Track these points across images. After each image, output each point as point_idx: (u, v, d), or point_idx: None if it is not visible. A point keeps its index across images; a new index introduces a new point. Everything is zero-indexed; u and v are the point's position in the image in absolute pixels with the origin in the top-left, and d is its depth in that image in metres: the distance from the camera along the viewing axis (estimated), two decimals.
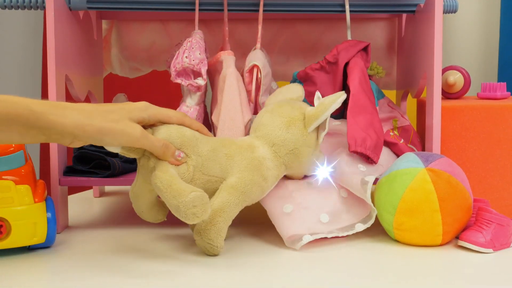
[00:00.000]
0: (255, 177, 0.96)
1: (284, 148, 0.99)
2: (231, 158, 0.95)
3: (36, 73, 1.74)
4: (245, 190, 0.95)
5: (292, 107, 1.01)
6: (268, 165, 0.98)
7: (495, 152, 1.17)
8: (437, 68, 1.10)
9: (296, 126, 0.99)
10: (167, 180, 0.87)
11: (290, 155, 1.00)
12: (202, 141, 0.94)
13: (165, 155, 0.90)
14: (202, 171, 0.93)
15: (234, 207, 0.94)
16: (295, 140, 0.99)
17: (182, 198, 0.85)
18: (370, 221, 1.01)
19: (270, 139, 0.99)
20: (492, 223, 0.97)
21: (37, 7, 1.14)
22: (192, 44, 1.11)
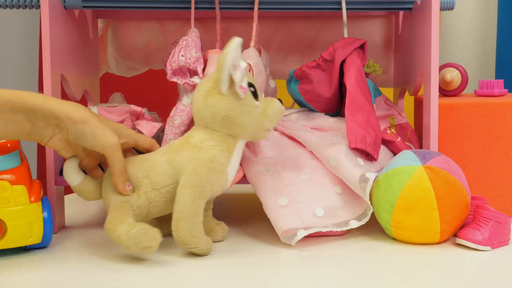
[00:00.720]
0: (199, 164, 0.93)
1: (215, 122, 0.95)
2: (172, 161, 0.94)
3: (33, 72, 1.74)
4: (195, 182, 0.92)
5: (204, 81, 0.98)
6: (209, 144, 0.95)
7: (493, 149, 1.17)
8: (434, 65, 1.09)
9: (212, 96, 0.95)
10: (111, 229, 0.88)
11: (226, 126, 0.95)
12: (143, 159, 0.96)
13: (118, 180, 0.91)
14: (153, 187, 0.94)
15: (191, 203, 0.92)
16: (218, 109, 0.94)
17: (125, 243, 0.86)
18: (365, 219, 1.01)
19: (201, 121, 0.97)
20: (490, 220, 0.97)
21: (32, 6, 1.13)
22: (188, 43, 1.11)
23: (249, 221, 1.15)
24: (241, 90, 0.93)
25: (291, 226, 0.97)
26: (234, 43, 0.92)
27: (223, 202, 1.36)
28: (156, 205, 0.94)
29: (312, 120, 1.17)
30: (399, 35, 1.36)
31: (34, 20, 1.74)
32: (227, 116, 0.95)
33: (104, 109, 1.16)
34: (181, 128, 1.11)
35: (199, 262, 0.92)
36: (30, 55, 1.74)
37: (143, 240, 0.86)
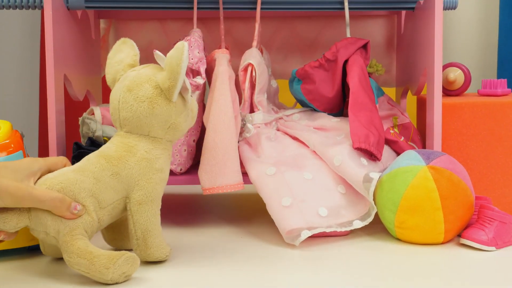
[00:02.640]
0: (153, 177, 0.89)
1: (161, 130, 0.90)
2: (118, 175, 0.87)
3: (34, 73, 1.74)
4: (153, 197, 0.89)
5: (141, 86, 0.88)
6: (155, 154, 0.90)
7: (497, 149, 1.17)
8: (437, 65, 1.09)
9: (159, 104, 0.88)
10: (84, 264, 0.81)
11: (170, 132, 0.91)
12: (81, 178, 0.86)
13: (59, 210, 0.82)
14: (101, 206, 0.86)
15: (154, 218, 0.89)
16: (166, 117, 0.89)
17: (109, 275, 0.80)
18: (369, 219, 1.01)
19: (142, 130, 0.89)
20: (495, 220, 0.97)
21: (35, 7, 1.13)
22: (190, 43, 1.11)
23: (252, 221, 1.15)
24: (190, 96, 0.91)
25: (295, 226, 0.97)
26: (185, 49, 0.86)
27: (225, 202, 1.36)
28: (102, 223, 0.87)
29: (314, 120, 1.17)
30: (401, 35, 1.36)
31: (34, 20, 1.73)
32: (175, 124, 0.90)
33: (107, 109, 1.16)
34: None
35: (201, 262, 0.92)
36: (31, 56, 1.74)
37: (129, 269, 0.83)
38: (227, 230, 1.10)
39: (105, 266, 0.80)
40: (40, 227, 0.84)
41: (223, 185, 1.03)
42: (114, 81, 0.93)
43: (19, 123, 1.67)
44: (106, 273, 0.80)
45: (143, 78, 0.89)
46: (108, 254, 0.81)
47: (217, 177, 1.03)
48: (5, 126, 0.99)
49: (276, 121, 1.18)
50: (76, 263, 0.81)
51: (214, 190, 1.03)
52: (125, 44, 0.96)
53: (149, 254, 0.89)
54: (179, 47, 0.86)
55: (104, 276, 0.80)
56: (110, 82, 0.94)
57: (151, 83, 0.88)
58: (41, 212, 0.83)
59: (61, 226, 0.83)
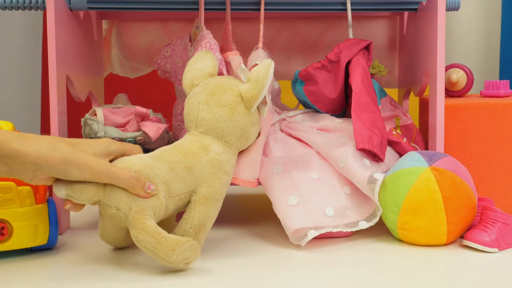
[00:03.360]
0: (221, 178, 0.94)
1: (234, 136, 0.96)
2: (190, 169, 0.92)
3: (36, 73, 1.74)
4: (219, 196, 0.93)
5: (224, 92, 0.96)
6: (225, 158, 0.95)
7: (499, 150, 1.17)
8: (440, 66, 1.09)
9: (239, 112, 0.95)
10: (151, 242, 0.84)
11: (241, 140, 0.97)
12: (157, 165, 0.90)
13: (134, 188, 0.86)
14: (170, 195, 0.90)
15: (213, 217, 0.93)
16: (243, 125, 0.96)
17: (173, 257, 0.83)
18: (374, 220, 1.01)
19: (217, 132, 0.95)
20: (497, 222, 0.96)
21: (37, 8, 1.13)
22: (211, 45, 1.10)
23: (256, 222, 1.15)
24: (266, 110, 0.97)
25: (301, 226, 0.97)
26: (271, 65, 0.94)
27: (231, 202, 1.36)
28: (167, 212, 0.91)
29: (318, 121, 1.17)
30: (403, 36, 1.36)
31: (36, 21, 1.73)
32: (248, 133, 0.97)
33: (109, 110, 1.15)
34: None
35: (205, 263, 0.92)
36: (33, 56, 1.74)
37: (191, 256, 0.85)
38: (230, 231, 1.10)
39: (172, 248, 0.83)
40: (113, 202, 0.87)
41: (241, 178, 1.02)
42: (191, 86, 1.01)
43: (21, 124, 1.68)
44: (171, 255, 0.83)
45: (227, 85, 0.97)
46: (175, 237, 0.84)
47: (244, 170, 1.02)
48: (7, 127, 0.99)
49: (280, 122, 1.18)
50: (144, 239, 0.84)
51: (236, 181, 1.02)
52: (206, 54, 1.04)
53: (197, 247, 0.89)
54: (267, 63, 0.94)
55: (168, 257, 0.83)
56: (187, 86, 1.01)
57: (234, 91, 0.96)
58: (116, 188, 0.86)
59: (134, 204, 0.86)
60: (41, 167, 0.81)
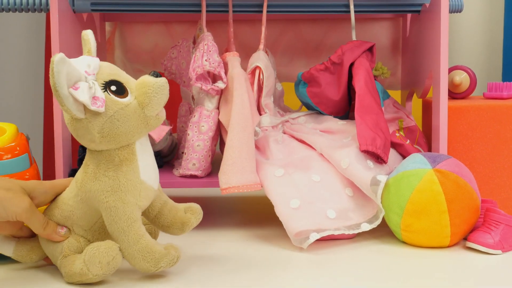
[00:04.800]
0: (106, 199, 0.83)
1: (93, 144, 0.82)
2: (83, 198, 0.84)
3: (38, 75, 1.74)
4: (116, 216, 0.82)
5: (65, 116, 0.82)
6: (104, 169, 0.83)
7: (502, 152, 1.16)
8: (443, 68, 1.09)
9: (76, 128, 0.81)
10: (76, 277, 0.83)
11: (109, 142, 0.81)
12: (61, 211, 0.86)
13: (48, 235, 0.85)
14: (85, 229, 0.86)
15: (127, 236, 0.83)
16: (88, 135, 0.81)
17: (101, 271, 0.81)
18: (377, 222, 1.01)
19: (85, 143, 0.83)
20: (501, 224, 0.96)
21: (41, 10, 1.14)
22: (209, 47, 1.10)
23: (258, 225, 1.15)
24: (97, 105, 0.78)
25: (303, 228, 0.97)
26: (57, 63, 0.75)
27: (232, 204, 1.36)
28: (100, 237, 0.87)
29: (321, 123, 1.17)
30: (406, 38, 1.36)
31: (39, 23, 1.74)
32: (103, 135, 0.80)
33: None
34: (209, 133, 1.11)
35: (207, 264, 0.92)
36: (36, 58, 1.74)
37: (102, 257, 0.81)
38: (233, 233, 1.10)
39: (79, 267, 0.82)
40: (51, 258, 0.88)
41: (239, 184, 1.02)
42: None
43: (24, 126, 1.67)
44: (85, 273, 0.81)
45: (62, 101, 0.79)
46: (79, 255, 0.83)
47: (233, 176, 1.03)
48: (10, 129, 0.99)
49: (283, 124, 1.18)
50: (69, 279, 0.84)
51: (230, 190, 1.03)
52: None
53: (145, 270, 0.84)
54: (50, 66, 0.75)
55: (86, 276, 0.82)
56: None
57: None
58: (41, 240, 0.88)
59: (55, 253, 0.86)
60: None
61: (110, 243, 0.82)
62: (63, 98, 0.76)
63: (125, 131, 0.81)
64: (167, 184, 1.09)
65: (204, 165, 1.11)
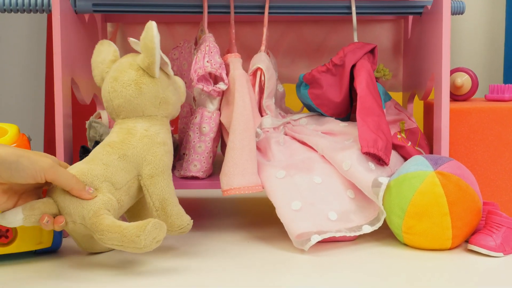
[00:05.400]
0: (157, 151, 0.94)
1: (153, 107, 0.96)
2: (125, 156, 0.92)
3: (39, 76, 1.74)
4: (162, 168, 0.94)
5: (124, 72, 0.96)
6: (155, 130, 0.96)
7: (504, 154, 1.16)
8: (445, 69, 1.09)
9: (145, 83, 0.95)
10: (116, 237, 0.84)
11: (162, 106, 0.97)
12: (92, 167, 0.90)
13: (75, 189, 0.86)
14: (116, 188, 0.91)
15: (167, 187, 0.94)
16: (155, 93, 0.96)
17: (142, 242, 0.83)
18: (378, 224, 1.01)
19: (136, 111, 0.96)
20: (502, 226, 0.96)
21: (43, 11, 1.13)
22: (210, 49, 1.10)
23: (260, 226, 1.15)
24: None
25: (305, 230, 0.97)
26: (154, 26, 0.93)
27: (233, 205, 1.36)
28: (122, 204, 0.92)
29: (322, 125, 1.17)
30: (408, 39, 1.36)
31: (40, 23, 1.74)
32: (164, 98, 0.97)
33: None
34: (210, 135, 1.11)
35: (208, 266, 0.92)
36: (37, 59, 1.74)
37: (158, 234, 0.85)
38: (235, 235, 1.10)
39: (136, 234, 0.83)
40: (67, 217, 0.87)
41: (240, 186, 1.03)
42: (102, 80, 1.00)
43: (25, 126, 1.68)
44: (138, 241, 0.83)
45: (124, 65, 0.96)
46: (136, 223, 0.85)
47: (235, 178, 1.03)
48: (12, 130, 0.99)
49: (284, 125, 1.18)
50: (109, 238, 0.85)
51: (231, 191, 1.03)
52: (102, 44, 1.02)
53: (170, 223, 0.92)
54: (148, 26, 0.93)
55: (137, 244, 0.84)
56: (99, 82, 1.00)
57: (132, 67, 0.95)
58: (65, 202, 0.87)
59: (84, 211, 0.86)
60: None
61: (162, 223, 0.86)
62: (157, 52, 0.93)
63: (175, 102, 0.99)
64: None
65: (205, 166, 1.11)
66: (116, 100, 0.95)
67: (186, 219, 0.94)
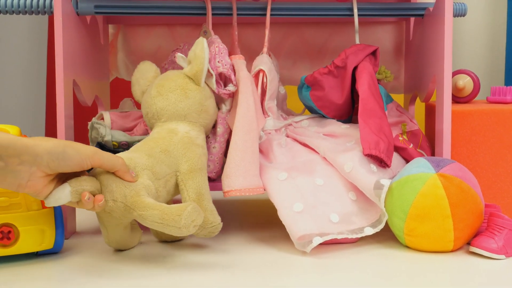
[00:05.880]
0: (196, 150, 1.00)
1: (195, 113, 1.03)
2: (166, 151, 0.97)
3: (40, 77, 1.74)
4: (200, 166, 0.99)
5: (171, 79, 1.04)
6: (194, 133, 1.02)
7: (506, 156, 1.16)
8: (447, 71, 1.09)
9: (191, 89, 1.03)
10: (157, 214, 0.87)
11: (203, 115, 1.04)
12: (135, 155, 0.95)
13: (120, 171, 0.89)
14: (156, 178, 0.94)
15: (204, 183, 0.99)
16: (199, 100, 1.03)
17: (182, 221, 0.86)
18: (380, 226, 1.01)
19: (179, 115, 1.02)
20: (504, 229, 0.96)
21: (45, 12, 1.14)
22: (220, 50, 1.10)
23: (263, 227, 1.15)
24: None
25: (306, 232, 0.97)
26: (203, 41, 1.02)
27: (235, 207, 1.36)
28: (160, 194, 0.95)
29: (324, 127, 1.17)
30: (410, 41, 1.36)
31: (41, 25, 1.74)
32: (206, 106, 1.04)
33: (117, 114, 1.16)
34: (225, 136, 1.10)
35: (210, 267, 0.92)
36: (38, 61, 1.74)
37: (197, 218, 0.87)
38: (237, 236, 1.10)
39: (177, 213, 0.86)
40: (108, 196, 0.88)
41: (242, 188, 1.02)
42: (142, 94, 1.08)
43: (26, 128, 1.68)
44: (179, 220, 0.86)
45: (171, 75, 1.04)
46: (177, 205, 0.88)
47: (236, 179, 1.03)
48: (14, 131, 0.99)
49: (286, 127, 1.18)
50: (150, 215, 0.87)
51: (233, 193, 1.03)
52: (144, 64, 1.10)
53: (204, 218, 0.95)
54: (199, 41, 1.02)
55: (177, 223, 0.86)
56: (139, 96, 1.09)
57: (179, 76, 1.04)
58: (108, 181, 0.89)
59: (126, 190, 0.89)
60: (38, 157, 0.82)
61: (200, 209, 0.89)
62: (205, 64, 1.02)
63: (212, 114, 1.07)
64: None
65: (218, 167, 1.11)
66: (159, 103, 1.02)
67: (219, 218, 0.98)
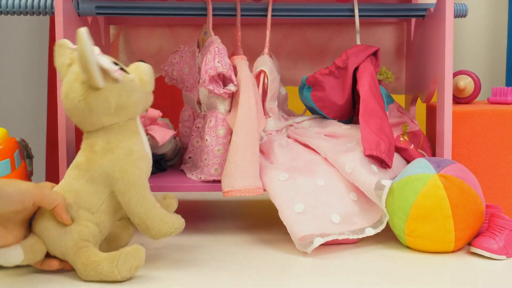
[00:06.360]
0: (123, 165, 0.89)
1: (108, 117, 0.89)
2: (92, 179, 0.89)
3: (41, 78, 1.74)
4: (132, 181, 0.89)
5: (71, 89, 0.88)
6: (114, 142, 0.90)
7: (507, 157, 1.16)
8: (448, 72, 1.09)
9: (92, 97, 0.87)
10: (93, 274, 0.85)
11: (119, 113, 0.90)
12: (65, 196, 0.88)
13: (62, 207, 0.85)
14: (91, 212, 0.89)
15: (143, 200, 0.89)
16: (105, 103, 0.88)
17: (118, 276, 0.84)
18: (381, 226, 1.01)
19: (92, 126, 0.90)
20: (505, 229, 0.96)
21: (46, 13, 1.14)
22: (220, 50, 1.10)
23: (263, 229, 1.15)
24: (117, 73, 0.87)
25: (308, 233, 0.97)
26: (83, 34, 0.83)
27: (236, 208, 1.36)
28: (104, 224, 0.90)
29: (325, 127, 1.17)
30: (411, 42, 1.36)
31: (42, 26, 1.74)
32: (118, 105, 0.88)
33: None
34: (228, 137, 1.10)
35: (210, 268, 0.92)
36: (39, 62, 1.74)
37: (134, 262, 0.85)
38: (238, 237, 1.10)
39: (110, 270, 0.84)
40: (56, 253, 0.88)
41: (241, 188, 1.02)
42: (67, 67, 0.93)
43: (27, 128, 1.68)
44: (114, 276, 0.84)
45: (71, 79, 0.89)
46: (108, 257, 0.85)
47: (236, 180, 1.03)
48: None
49: (287, 128, 1.18)
50: (87, 276, 0.85)
51: (232, 193, 1.03)
52: (60, 46, 0.94)
53: (155, 234, 0.90)
54: (77, 37, 0.83)
55: (115, 278, 0.84)
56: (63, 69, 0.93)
57: (78, 81, 0.88)
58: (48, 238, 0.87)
59: (63, 248, 0.87)
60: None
61: (139, 247, 0.86)
62: (91, 64, 0.84)
63: (134, 103, 0.91)
64: (170, 188, 1.09)
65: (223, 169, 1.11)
66: (74, 119, 0.90)
67: (173, 225, 0.90)
